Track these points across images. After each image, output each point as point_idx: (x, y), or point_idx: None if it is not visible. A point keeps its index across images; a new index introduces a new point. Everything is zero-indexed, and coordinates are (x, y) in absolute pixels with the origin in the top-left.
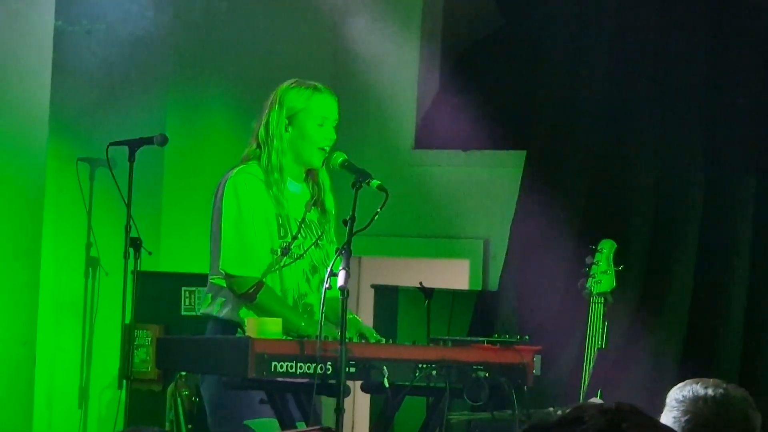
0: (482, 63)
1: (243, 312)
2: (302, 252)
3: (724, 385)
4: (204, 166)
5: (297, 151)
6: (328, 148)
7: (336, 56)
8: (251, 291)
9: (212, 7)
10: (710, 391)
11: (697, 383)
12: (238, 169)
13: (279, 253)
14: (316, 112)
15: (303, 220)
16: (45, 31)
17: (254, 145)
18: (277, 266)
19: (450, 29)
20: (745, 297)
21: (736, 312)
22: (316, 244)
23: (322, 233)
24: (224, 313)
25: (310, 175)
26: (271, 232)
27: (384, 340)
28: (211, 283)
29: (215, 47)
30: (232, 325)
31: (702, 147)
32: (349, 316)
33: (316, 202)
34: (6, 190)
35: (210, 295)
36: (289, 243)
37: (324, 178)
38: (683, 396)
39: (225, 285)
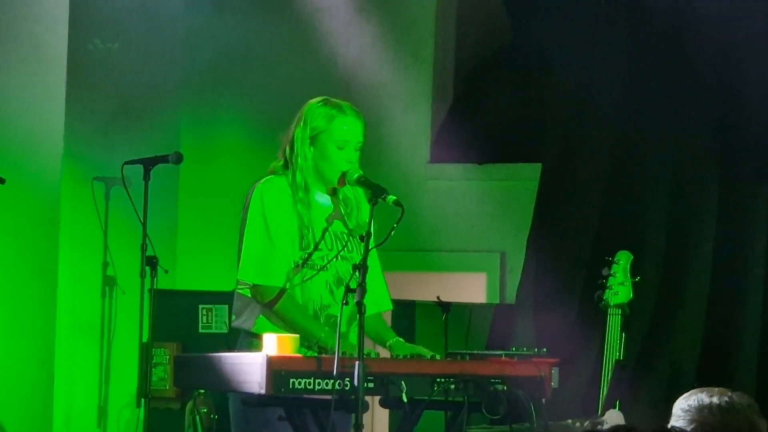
0: (496, 76)
1: (260, 321)
2: (325, 263)
3: (729, 393)
4: (219, 183)
5: (319, 170)
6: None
7: (349, 71)
8: (272, 299)
9: (225, 26)
10: (715, 400)
11: (703, 392)
12: (265, 179)
13: (300, 265)
14: (337, 135)
15: (325, 231)
16: (59, 50)
17: (281, 161)
18: (298, 279)
19: (463, 42)
20: (761, 306)
21: (753, 321)
22: (337, 257)
23: (346, 243)
24: (249, 324)
25: (334, 189)
26: (294, 243)
27: (438, 356)
28: (237, 293)
29: (229, 65)
30: (256, 336)
31: (716, 156)
32: (393, 339)
33: (339, 216)
34: (22, 211)
35: (236, 307)
36: (309, 254)
37: (356, 193)
38: (689, 405)
39: (249, 295)
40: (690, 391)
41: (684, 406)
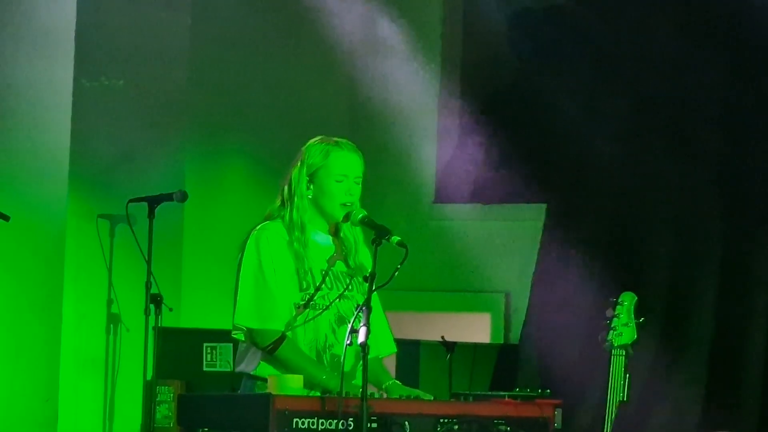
0: (501, 117)
1: (261, 366)
2: (328, 303)
3: None
4: (224, 221)
5: (320, 207)
6: (350, 204)
7: (354, 111)
8: (273, 344)
9: (231, 64)
10: None
11: None
12: (260, 226)
13: (302, 306)
14: (335, 170)
15: (327, 272)
16: (64, 87)
17: (279, 203)
18: (301, 319)
19: (469, 83)
20: (764, 348)
21: (756, 363)
22: (341, 296)
23: (349, 284)
24: (251, 368)
25: (335, 228)
26: (293, 286)
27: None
28: (234, 338)
29: (233, 102)
30: (259, 378)
31: (720, 197)
32: (389, 381)
33: (341, 256)
34: (27, 248)
35: (238, 351)
36: (312, 295)
37: (354, 233)
38: None
39: (244, 339)
40: None
41: None
